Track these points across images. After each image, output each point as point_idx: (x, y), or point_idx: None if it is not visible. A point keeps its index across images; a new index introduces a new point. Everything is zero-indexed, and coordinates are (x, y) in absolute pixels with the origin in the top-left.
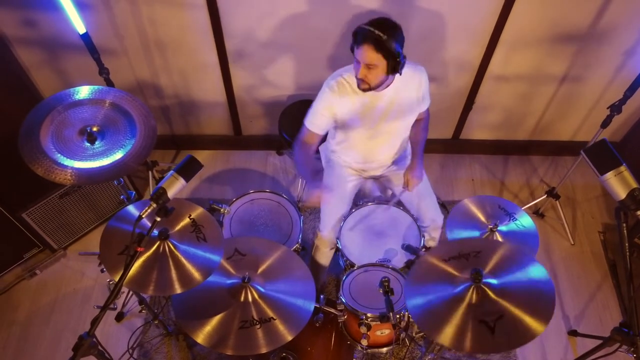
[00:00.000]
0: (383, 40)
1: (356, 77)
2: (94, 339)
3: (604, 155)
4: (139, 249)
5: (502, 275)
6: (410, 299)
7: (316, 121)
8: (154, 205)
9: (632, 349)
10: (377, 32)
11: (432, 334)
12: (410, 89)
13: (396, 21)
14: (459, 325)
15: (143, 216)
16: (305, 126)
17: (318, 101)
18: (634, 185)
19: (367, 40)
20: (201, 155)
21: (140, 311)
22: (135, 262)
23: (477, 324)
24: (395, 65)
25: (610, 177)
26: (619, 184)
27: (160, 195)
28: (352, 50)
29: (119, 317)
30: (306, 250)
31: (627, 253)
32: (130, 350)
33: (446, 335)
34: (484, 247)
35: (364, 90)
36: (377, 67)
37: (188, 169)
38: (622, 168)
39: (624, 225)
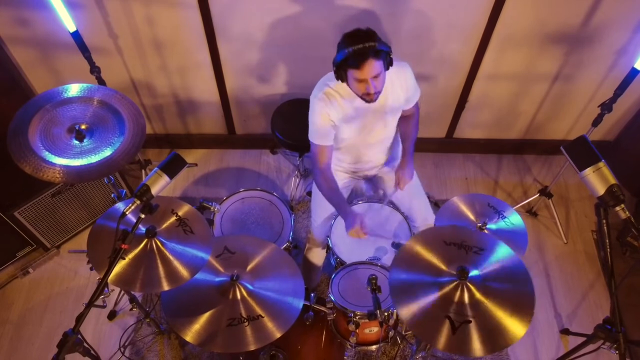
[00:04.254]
0: (377, 48)
1: (364, 94)
2: (79, 336)
3: (583, 152)
4: (123, 246)
5: (490, 276)
6: (395, 272)
7: (320, 134)
8: (138, 202)
9: (615, 345)
10: (368, 44)
11: (401, 308)
12: (396, 87)
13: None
14: (433, 315)
15: (127, 213)
16: (313, 144)
17: (313, 115)
18: (613, 181)
19: (367, 55)
20: (195, 154)
21: (131, 309)
22: (120, 260)
23: (450, 321)
24: (390, 61)
25: (589, 173)
26: (597, 180)
27: (144, 192)
28: (344, 76)
29: (111, 316)
30: (298, 249)
31: (609, 250)
32: (122, 349)
33: (411, 312)
34: (480, 244)
35: (376, 99)
36: (381, 72)
37: (172, 166)
38: (601, 164)
39: (604, 221)
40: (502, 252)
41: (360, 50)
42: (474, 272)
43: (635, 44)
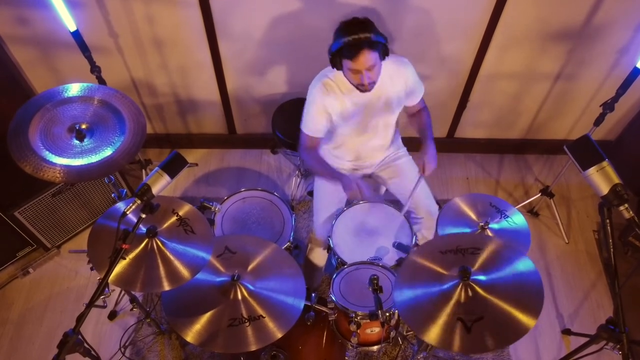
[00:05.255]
0: (372, 39)
1: (359, 85)
2: (80, 336)
3: (586, 151)
4: (124, 246)
5: (491, 272)
6: (398, 293)
7: (313, 125)
8: (139, 201)
9: (618, 346)
10: (363, 35)
11: (419, 331)
12: (396, 83)
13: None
14: (447, 323)
15: (127, 213)
16: (303, 133)
17: (309, 105)
18: (617, 180)
19: (362, 47)
20: (196, 154)
21: (132, 309)
22: (120, 260)
23: (462, 322)
24: (386, 51)
25: (592, 172)
26: (601, 179)
27: (144, 191)
28: (339, 65)
29: (112, 316)
30: (299, 249)
31: (612, 250)
32: (122, 349)
33: (433, 334)
34: (474, 243)
35: (371, 89)
36: (376, 63)
37: (173, 165)
38: (605, 163)
39: (608, 221)
40: (500, 249)
41: (355, 41)
42: (477, 276)
43: (638, 43)
